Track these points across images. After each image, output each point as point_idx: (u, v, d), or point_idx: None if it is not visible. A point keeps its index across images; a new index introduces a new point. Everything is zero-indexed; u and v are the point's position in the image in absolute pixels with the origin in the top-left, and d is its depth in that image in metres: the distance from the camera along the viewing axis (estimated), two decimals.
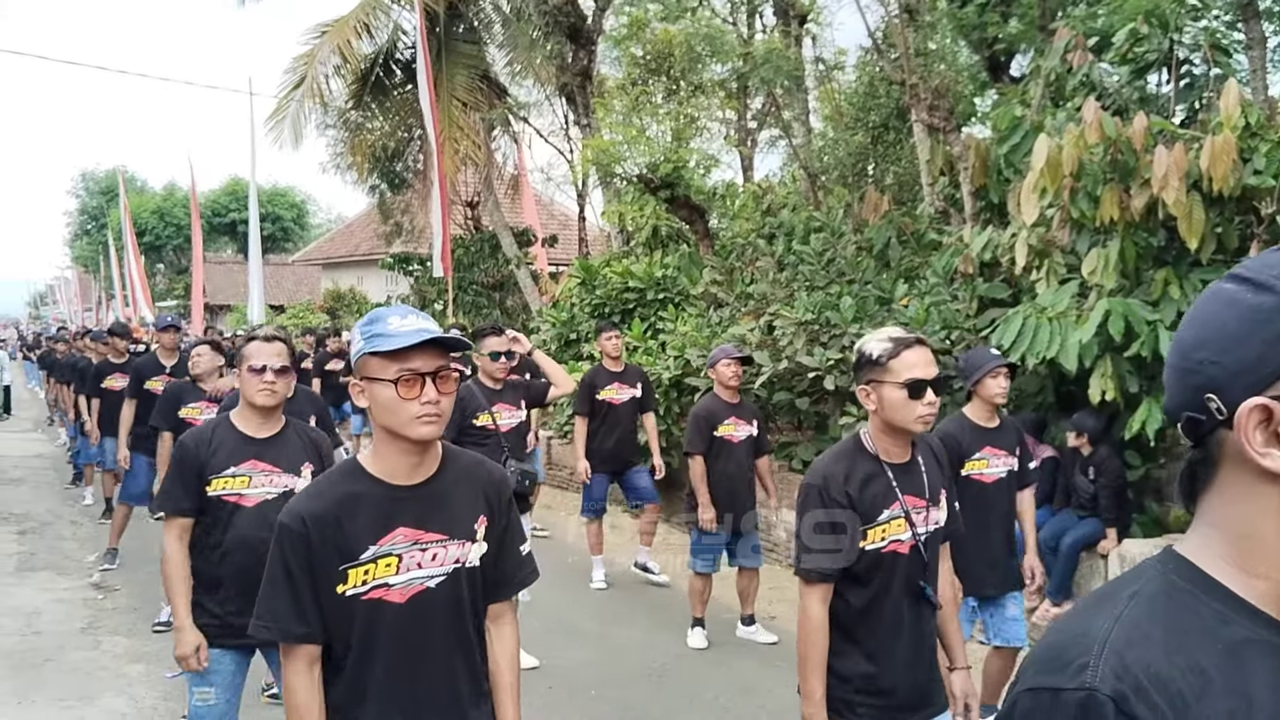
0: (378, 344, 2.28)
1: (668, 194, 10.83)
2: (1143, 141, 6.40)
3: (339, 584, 2.32)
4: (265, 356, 3.89)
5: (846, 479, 3.00)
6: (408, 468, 2.38)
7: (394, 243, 20.30)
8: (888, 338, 3.00)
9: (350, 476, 2.41)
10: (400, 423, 2.29)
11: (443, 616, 2.42)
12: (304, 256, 39.58)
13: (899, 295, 8.27)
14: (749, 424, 6.85)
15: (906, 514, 3.03)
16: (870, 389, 2.99)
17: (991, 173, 8.89)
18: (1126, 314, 6.51)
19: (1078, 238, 7.37)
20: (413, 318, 2.34)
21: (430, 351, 2.29)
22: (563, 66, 14.57)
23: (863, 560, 2.99)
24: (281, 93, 17.00)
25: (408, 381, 2.26)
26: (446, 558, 2.40)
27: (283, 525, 2.35)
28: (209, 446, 3.85)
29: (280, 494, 3.88)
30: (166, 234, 53.33)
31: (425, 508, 2.39)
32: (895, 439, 3.05)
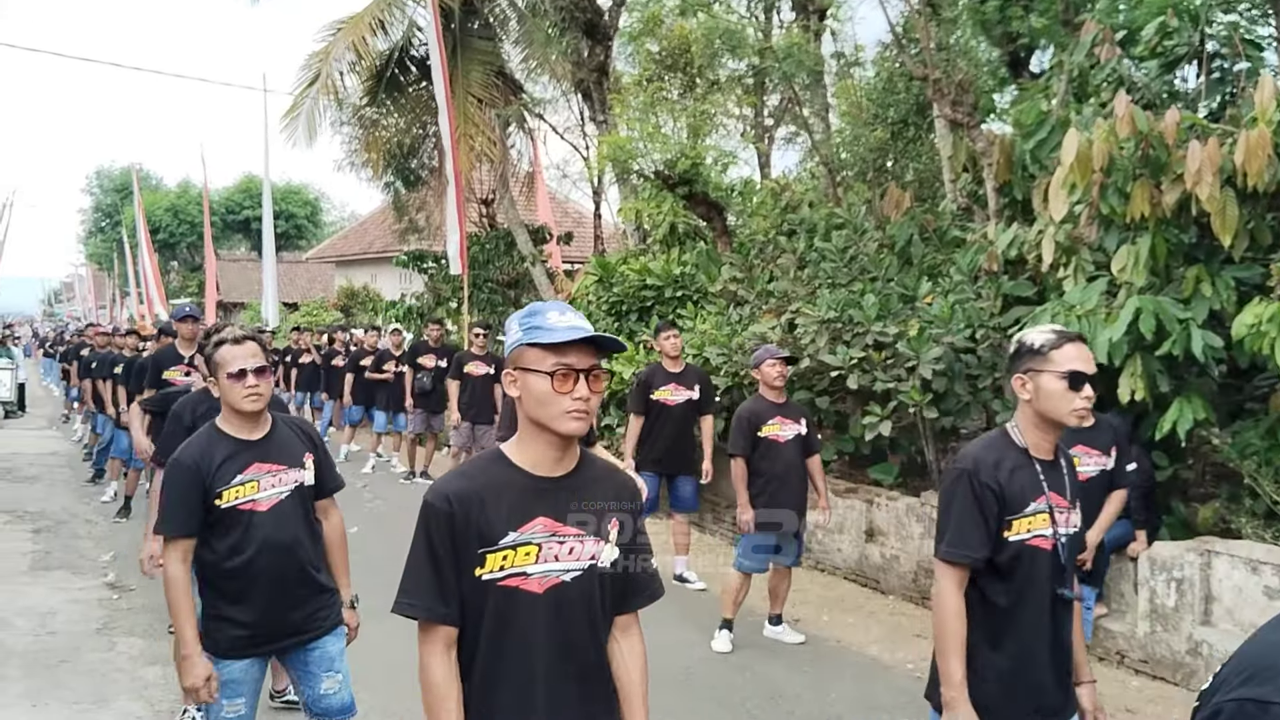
0: (537, 336, 2.32)
1: (685, 191, 10.71)
2: (1174, 136, 6.27)
3: (477, 567, 2.34)
4: (242, 359, 3.75)
5: (996, 466, 3.03)
6: (550, 460, 2.40)
7: (408, 240, 20.23)
8: (1051, 330, 3.06)
9: (495, 463, 2.43)
10: (550, 416, 2.32)
11: (577, 613, 2.41)
12: (317, 254, 39.56)
13: (923, 293, 8.16)
14: (796, 423, 6.77)
15: (1050, 510, 3.05)
16: (1027, 378, 3.03)
17: (1016, 169, 8.77)
18: (1158, 312, 6.39)
19: (1105, 235, 7.24)
20: (570, 314, 2.38)
21: (585, 349, 2.33)
22: (579, 62, 14.47)
23: (1005, 551, 3.01)
24: (296, 90, 16.95)
25: (563, 376, 2.29)
26: (583, 553, 2.41)
27: (428, 504, 2.37)
28: (209, 461, 3.71)
29: (292, 490, 3.82)
30: (181, 231, 53.40)
31: (565, 502, 2.41)
32: (1045, 433, 3.07)
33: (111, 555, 8.93)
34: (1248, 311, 6.03)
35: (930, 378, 7.58)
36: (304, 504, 3.89)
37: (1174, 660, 6.25)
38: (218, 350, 3.80)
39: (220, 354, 3.78)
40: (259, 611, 3.72)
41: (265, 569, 3.71)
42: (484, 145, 15.16)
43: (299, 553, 3.82)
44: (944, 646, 3.00)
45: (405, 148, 17.54)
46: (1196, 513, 7.35)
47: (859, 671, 6.31)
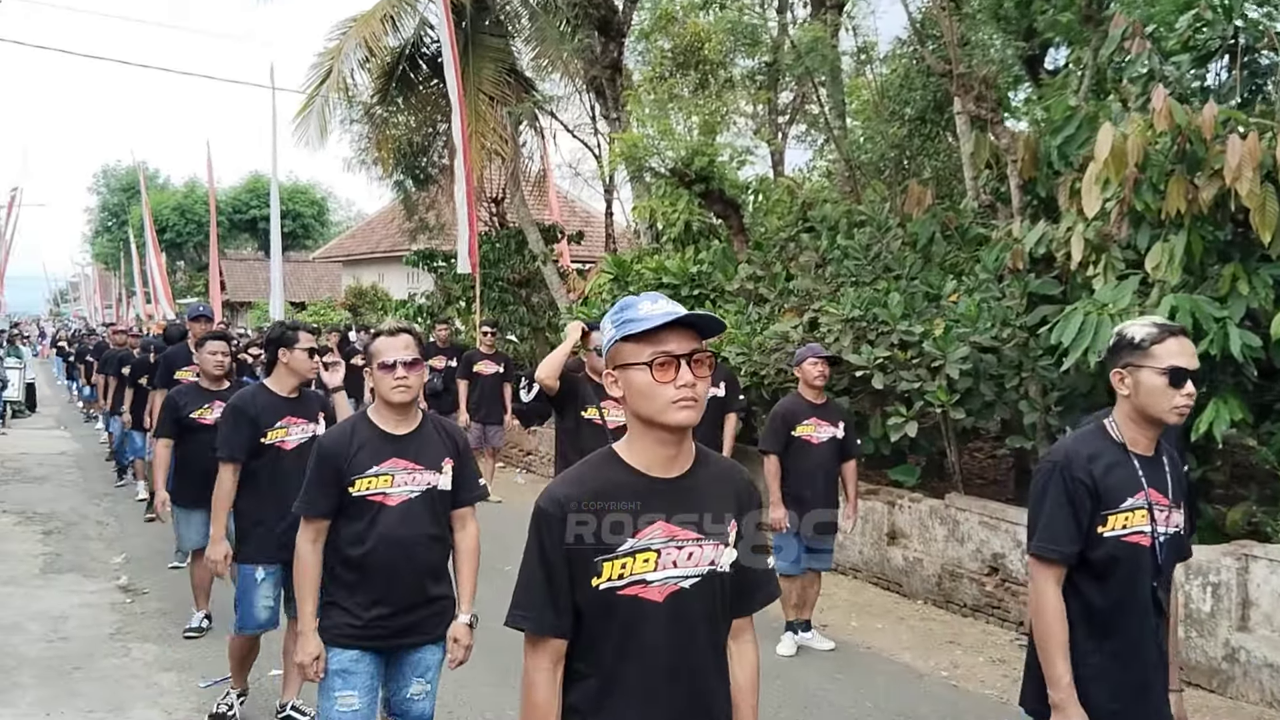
0: (630, 328, 2.21)
1: (702, 188, 10.57)
2: (1212, 131, 6.14)
3: (594, 576, 2.22)
4: (394, 351, 3.77)
5: (1090, 460, 2.95)
6: (664, 459, 2.28)
7: (418, 239, 20.12)
8: (1153, 323, 2.97)
9: (608, 464, 2.31)
10: (657, 408, 2.19)
11: (699, 621, 2.29)
12: (325, 253, 39.51)
13: (948, 291, 8.01)
14: (833, 425, 6.65)
15: (1149, 506, 2.95)
16: (1127, 373, 2.95)
17: (1041, 165, 8.63)
18: (1194, 310, 6.25)
19: (1136, 232, 7.10)
20: (663, 302, 2.25)
21: (683, 333, 2.21)
22: (591, 60, 14.32)
23: (1101, 548, 2.93)
24: (307, 87, 16.82)
25: (662, 364, 2.18)
26: (702, 558, 2.28)
27: (541, 510, 2.26)
28: (349, 446, 3.74)
29: (423, 491, 3.80)
30: (188, 231, 53.40)
31: (682, 503, 2.28)
32: (1144, 429, 2.98)
33: (124, 557, 8.82)
34: None
35: (957, 378, 7.45)
36: (433, 508, 3.86)
37: (1210, 667, 6.11)
38: (375, 340, 3.86)
39: (377, 344, 3.83)
40: (372, 605, 3.72)
41: (383, 563, 3.72)
42: (495, 143, 15.04)
43: (419, 554, 3.81)
44: (1047, 647, 2.92)
45: (415, 146, 17.42)
46: (1224, 515, 7.21)
47: (892, 680, 6.18)
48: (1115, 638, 2.95)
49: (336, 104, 16.74)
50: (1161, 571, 2.97)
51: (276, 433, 5.10)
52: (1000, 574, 7.58)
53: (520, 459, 14.41)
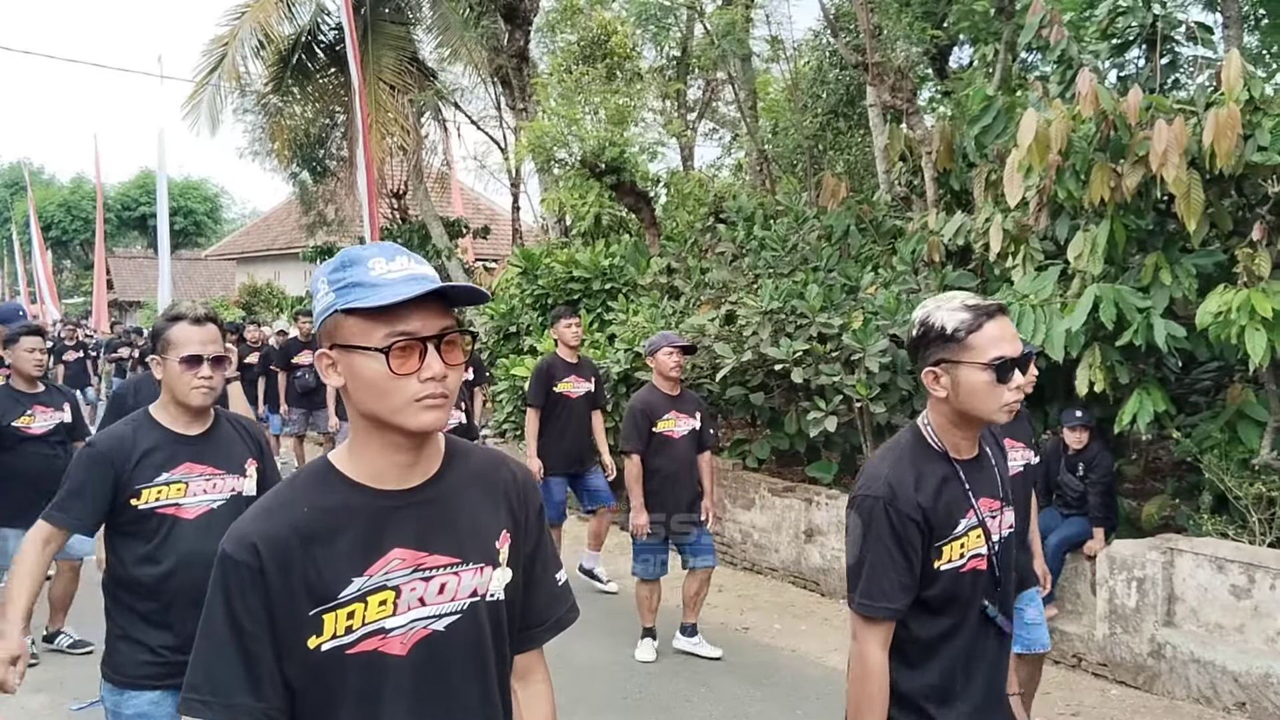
0: (358, 297, 1.64)
1: (613, 180, 10.28)
2: (1136, 117, 6.04)
3: (311, 635, 1.66)
4: (198, 343, 3.19)
5: (917, 485, 2.43)
6: (399, 468, 1.74)
7: (315, 234, 19.47)
8: (962, 305, 2.41)
9: (320, 482, 1.75)
10: (393, 408, 1.65)
11: (458, 671, 1.77)
12: (218, 251, 38.39)
13: (866, 283, 7.84)
14: (691, 417, 6.29)
15: (982, 521, 2.49)
16: (942, 371, 2.41)
17: (957, 156, 8.54)
18: (1117, 301, 6.15)
19: (1055, 222, 7.00)
20: (402, 258, 1.69)
21: (431, 307, 1.66)
22: (497, 48, 13.94)
23: (938, 584, 2.44)
24: (197, 75, 16.15)
25: (403, 350, 1.63)
26: (459, 589, 1.76)
27: (226, 557, 1.69)
28: (131, 451, 3.16)
29: (228, 499, 3.26)
30: (74, 228, 51.42)
31: (427, 521, 1.75)
32: (966, 431, 2.49)
33: None
34: (1212, 299, 5.80)
35: (876, 371, 7.27)
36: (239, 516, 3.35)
37: (1135, 663, 6.01)
38: (172, 327, 3.23)
39: (174, 332, 3.21)
40: (175, 636, 3.12)
41: (185, 587, 3.10)
42: (398, 134, 14.57)
43: None
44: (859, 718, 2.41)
45: (313, 137, 16.84)
46: (1141, 509, 7.16)
47: (823, 685, 5.90)
48: (937, 666, 2.49)
49: (229, 93, 16.14)
50: (1000, 584, 2.54)
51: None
52: None
53: None
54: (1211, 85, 6.95)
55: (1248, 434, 6.35)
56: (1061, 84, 7.24)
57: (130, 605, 3.21)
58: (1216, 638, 5.73)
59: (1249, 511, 6.07)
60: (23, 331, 6.10)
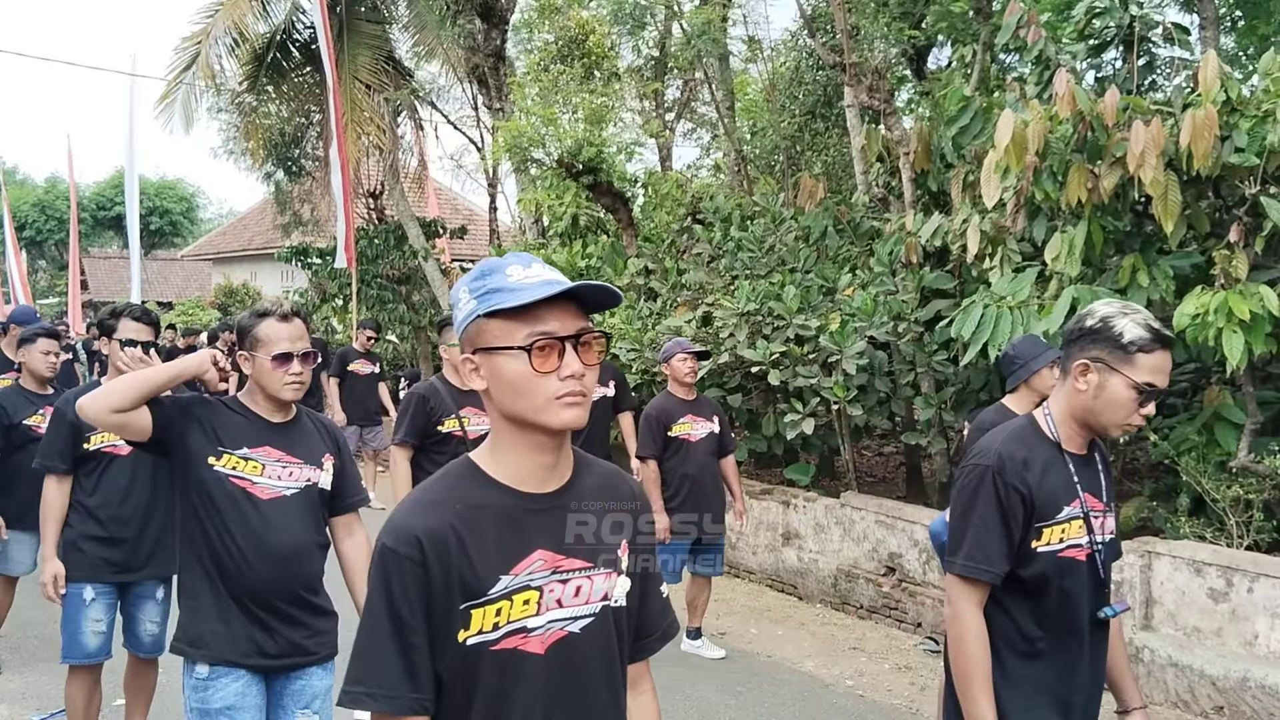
0: (499, 300, 1.70)
1: (590, 180, 10.20)
2: (1114, 117, 6.00)
3: (460, 629, 1.72)
4: (288, 340, 3.25)
5: (1026, 464, 2.56)
6: (541, 470, 1.80)
7: (291, 234, 19.30)
8: (1146, 324, 2.50)
9: (468, 480, 1.80)
10: (535, 406, 1.72)
11: (590, 673, 1.81)
12: (194, 251, 38.10)
13: (843, 285, 7.79)
14: (709, 420, 6.31)
15: (1085, 515, 2.58)
16: (1095, 369, 2.51)
17: (935, 157, 8.51)
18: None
19: (1032, 223, 6.97)
20: (537, 266, 1.76)
21: (566, 308, 1.73)
22: (474, 47, 13.83)
23: (1034, 565, 2.55)
24: (170, 73, 15.95)
25: (543, 349, 1.69)
26: (593, 593, 1.82)
27: (388, 551, 1.72)
28: (213, 417, 3.24)
29: (302, 489, 3.31)
30: (49, 228, 50.90)
31: (565, 525, 1.82)
32: (1082, 430, 2.61)
33: None
34: (1189, 301, 5.77)
35: (854, 373, 7.22)
36: (312, 509, 3.36)
37: None
38: (260, 324, 3.27)
39: (262, 329, 3.26)
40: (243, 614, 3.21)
41: (256, 568, 3.20)
42: (373, 133, 14.42)
43: (300, 563, 3.30)
44: (968, 682, 2.51)
45: (288, 136, 16.65)
46: (1117, 510, 7.14)
47: (797, 690, 5.86)
48: (1048, 666, 2.58)
49: (203, 91, 15.93)
50: (1104, 584, 2.64)
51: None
52: (897, 574, 7.39)
53: None
54: (1188, 86, 6.94)
55: (1225, 436, 6.33)
56: (1039, 85, 7.22)
57: (196, 586, 3.24)
58: (1194, 641, 5.71)
59: (1226, 514, 6.05)
60: (40, 333, 6.01)
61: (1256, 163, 5.64)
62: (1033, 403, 4.77)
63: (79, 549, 4.44)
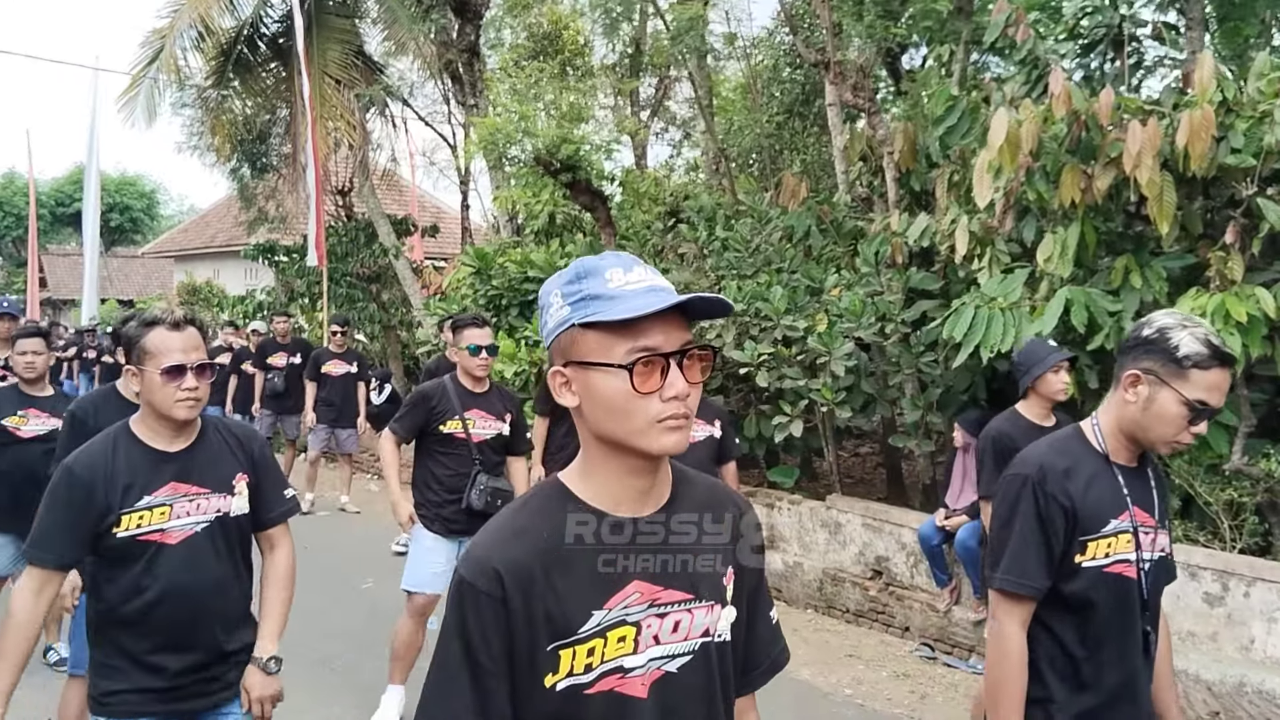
0: (598, 310, 1.51)
1: (568, 178, 10.05)
2: (1109, 118, 5.95)
3: (548, 673, 1.54)
4: (180, 351, 2.90)
5: (1068, 474, 2.46)
6: (636, 494, 1.61)
7: (256, 231, 19.01)
8: (1206, 339, 2.38)
9: (556, 505, 1.61)
10: (635, 428, 1.53)
11: (691, 716, 1.63)
12: (155, 248, 37.49)
13: (830, 285, 7.70)
14: (709, 424, 6.03)
15: (1135, 530, 2.48)
16: (1146, 381, 2.42)
17: (920, 157, 8.44)
18: (1088, 304, 6.06)
19: (1021, 224, 6.92)
20: (639, 269, 1.56)
21: (672, 320, 1.52)
22: (447, 42, 13.63)
23: (1077, 580, 2.44)
24: (135, 68, 15.64)
25: (646, 367, 1.50)
26: (693, 627, 1.63)
27: (465, 585, 1.54)
28: (109, 474, 2.87)
29: (212, 521, 2.99)
30: (5, 225, 50.01)
31: (663, 553, 1.63)
32: (1128, 443, 2.51)
33: None
34: (1185, 303, 5.74)
35: (842, 375, 7.13)
36: (227, 539, 3.05)
37: None
38: (148, 333, 2.93)
39: (151, 340, 2.91)
40: (161, 669, 2.92)
41: (170, 619, 2.91)
42: (344, 129, 14.19)
43: (215, 601, 3.01)
44: (1001, 699, 2.42)
45: (254, 132, 16.36)
46: None
47: (796, 700, 5.73)
48: (1092, 689, 2.48)
49: (167, 86, 15.62)
50: (1148, 606, 2.52)
51: None
52: (884, 578, 7.31)
53: (373, 464, 13.61)
54: (1177, 85, 6.91)
55: (1216, 439, 6.29)
56: (1027, 84, 7.16)
57: (113, 640, 2.95)
58: (1189, 646, 5.66)
59: (1220, 518, 6.01)
60: (21, 333, 5.79)
61: (1253, 164, 5.61)
62: (1044, 408, 4.69)
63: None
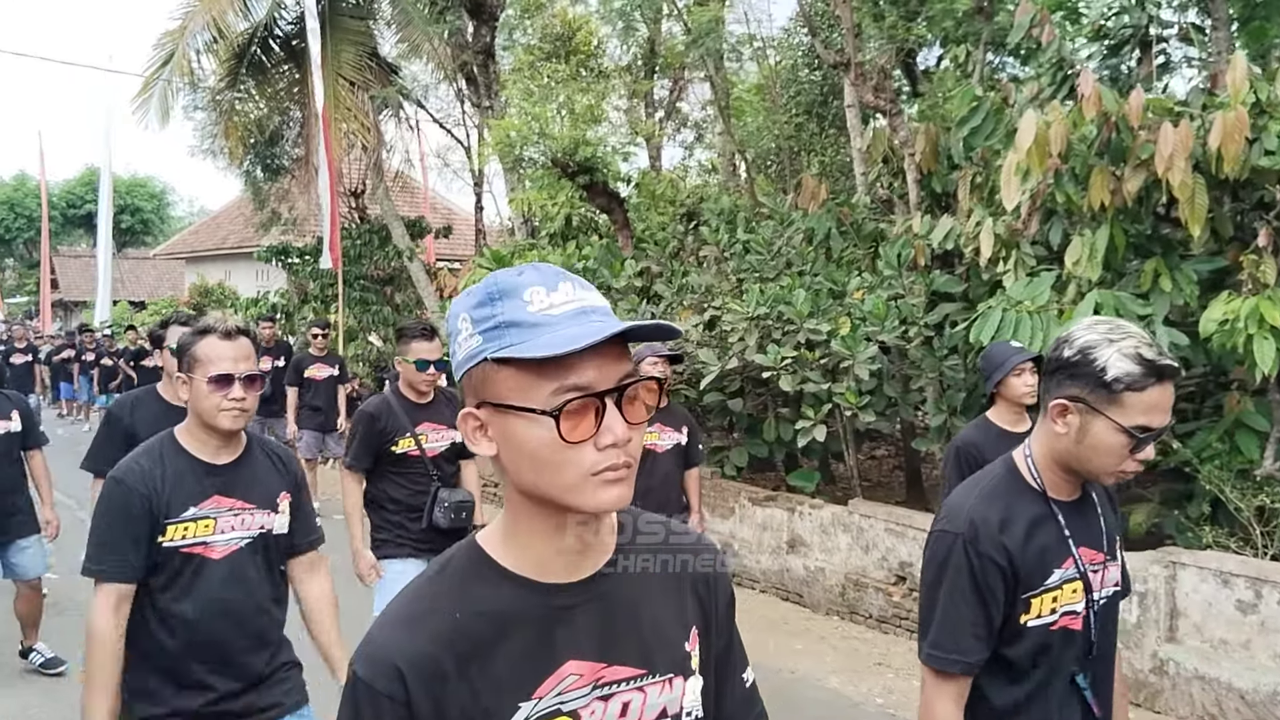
0: (517, 344, 1.22)
1: (585, 180, 10.00)
2: (1139, 119, 5.88)
3: None
4: (230, 361, 2.87)
5: (1004, 526, 2.14)
6: (569, 555, 1.34)
7: (268, 232, 19.01)
8: (1137, 355, 2.03)
9: (473, 576, 1.33)
10: (564, 485, 1.24)
11: None
12: (166, 250, 37.52)
13: (853, 288, 7.64)
14: (677, 431, 5.83)
15: (1082, 573, 2.18)
16: (1075, 410, 2.10)
17: (942, 158, 8.38)
18: (1118, 308, 5.99)
19: (1047, 227, 6.85)
20: (566, 286, 1.27)
21: (606, 349, 1.22)
22: (462, 44, 13.60)
23: (1022, 642, 2.14)
24: (147, 70, 15.63)
25: (576, 411, 1.21)
26: (645, 709, 1.37)
27: (360, 685, 1.27)
28: (157, 483, 2.83)
29: (255, 537, 2.95)
30: (17, 226, 50.22)
31: (605, 622, 1.35)
32: (1070, 475, 2.21)
33: None
34: (1217, 307, 5.67)
35: (866, 378, 7.07)
36: (268, 557, 3.02)
37: (1138, 680, 5.85)
38: (200, 342, 2.91)
39: (202, 348, 2.90)
40: (199, 690, 2.86)
41: (208, 638, 2.87)
42: (358, 131, 14.17)
43: (256, 620, 2.96)
44: None
45: (267, 133, 16.35)
46: (1127, 516, 7.03)
47: (825, 709, 5.67)
48: None
49: (180, 88, 15.62)
50: (1094, 650, 2.22)
51: None
52: (908, 583, 7.24)
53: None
54: (1204, 86, 6.84)
55: (1247, 444, 6.23)
56: (1052, 85, 7.09)
57: (152, 659, 2.88)
58: (1221, 654, 5.59)
59: (1251, 525, 5.94)
60: None
61: None
62: (1013, 412, 4.49)
63: None
